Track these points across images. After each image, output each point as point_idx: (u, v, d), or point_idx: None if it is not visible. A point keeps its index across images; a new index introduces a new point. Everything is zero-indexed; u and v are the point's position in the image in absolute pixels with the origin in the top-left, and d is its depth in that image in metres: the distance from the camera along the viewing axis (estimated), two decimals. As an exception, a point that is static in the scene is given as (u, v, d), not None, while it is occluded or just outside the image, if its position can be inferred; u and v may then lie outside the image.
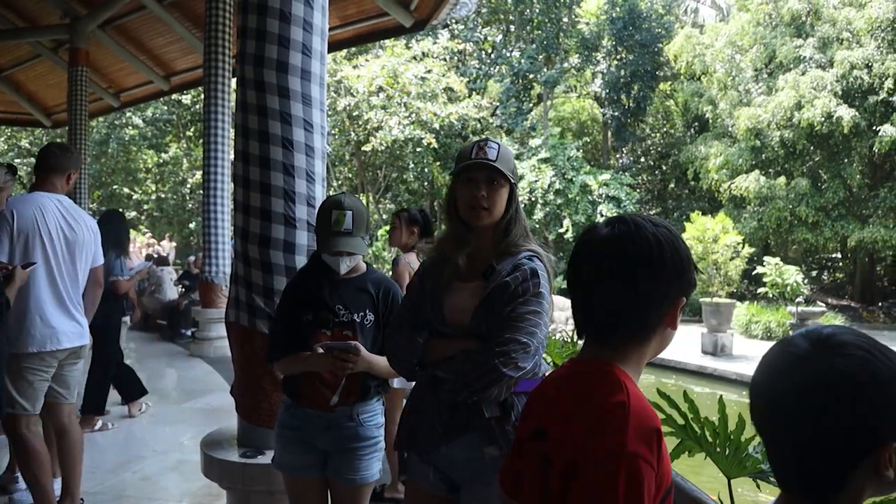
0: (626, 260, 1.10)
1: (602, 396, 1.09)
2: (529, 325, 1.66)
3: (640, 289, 1.10)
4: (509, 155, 1.82)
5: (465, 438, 1.73)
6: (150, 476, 4.14)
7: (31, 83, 15.82)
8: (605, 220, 1.19)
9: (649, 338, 1.15)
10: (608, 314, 1.13)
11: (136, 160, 26.61)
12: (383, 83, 19.44)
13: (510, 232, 1.80)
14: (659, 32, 22.54)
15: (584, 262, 1.17)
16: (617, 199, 19.45)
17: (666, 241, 1.12)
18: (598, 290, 1.13)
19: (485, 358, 1.64)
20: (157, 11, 11.44)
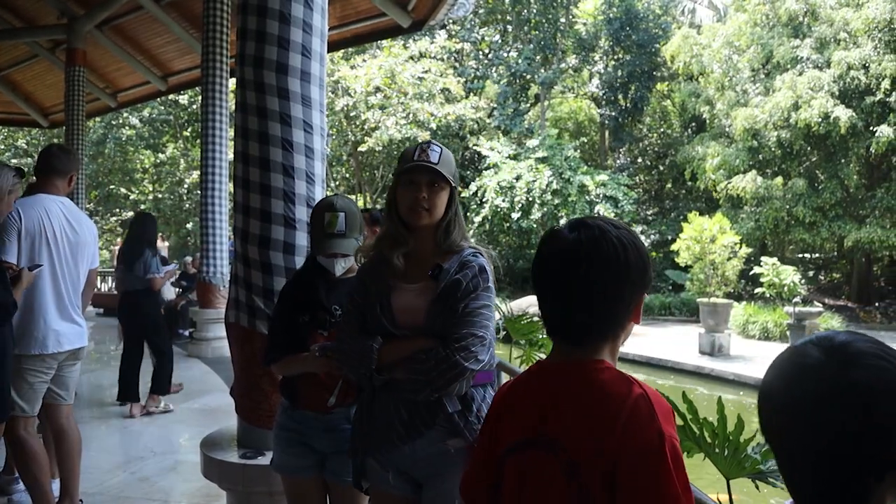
0: (595, 265, 1.14)
1: (620, 395, 1.12)
2: (483, 318, 1.75)
3: (609, 291, 1.15)
4: (451, 158, 1.87)
5: (427, 435, 1.77)
6: (149, 477, 4.14)
7: (28, 83, 15.79)
8: (567, 225, 1.22)
9: (619, 334, 1.22)
10: (582, 317, 1.17)
11: (133, 160, 26.58)
12: (381, 83, 19.44)
13: (451, 232, 1.86)
14: (656, 33, 22.58)
15: (554, 268, 1.19)
16: (614, 200, 19.47)
17: (629, 244, 1.16)
18: (571, 294, 1.17)
19: (445, 354, 1.70)
20: (155, 11, 11.43)
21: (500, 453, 1.24)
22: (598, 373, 1.16)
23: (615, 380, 1.15)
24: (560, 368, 1.21)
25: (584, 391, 1.15)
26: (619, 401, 1.11)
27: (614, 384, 1.14)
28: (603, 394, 1.13)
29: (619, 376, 1.16)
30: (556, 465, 1.12)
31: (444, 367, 1.69)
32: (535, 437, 1.16)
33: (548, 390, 1.20)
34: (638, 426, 1.08)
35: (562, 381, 1.19)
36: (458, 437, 1.75)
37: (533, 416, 1.19)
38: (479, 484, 1.31)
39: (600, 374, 1.16)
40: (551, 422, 1.16)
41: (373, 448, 1.83)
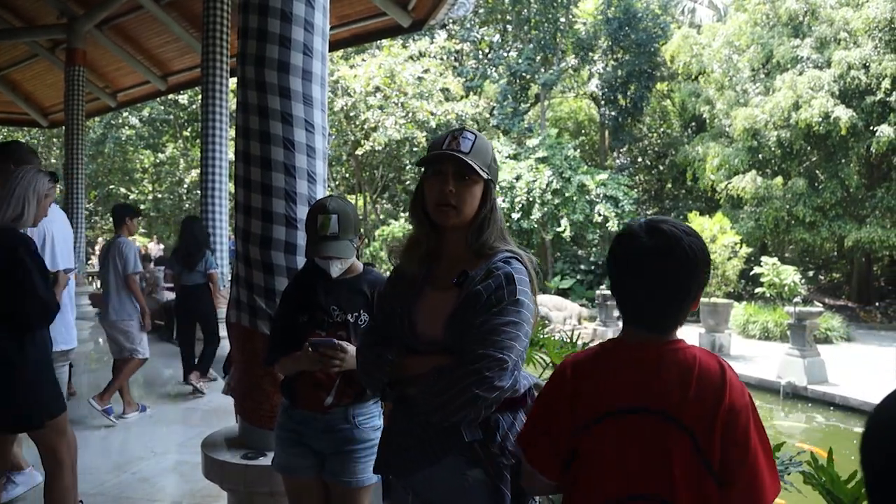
0: (672, 271, 1.34)
1: (716, 368, 1.33)
2: (506, 338, 1.49)
3: (683, 291, 1.35)
4: (486, 148, 1.62)
5: (444, 463, 1.57)
6: (149, 477, 4.13)
7: (28, 83, 15.78)
8: (642, 228, 1.37)
9: (685, 320, 1.42)
10: (661, 310, 1.37)
11: (132, 160, 26.57)
12: (380, 83, 19.43)
13: (483, 232, 1.62)
14: (655, 32, 22.56)
15: (633, 269, 1.38)
16: (614, 199, 19.46)
17: (699, 250, 1.35)
18: (649, 294, 1.36)
19: (457, 377, 1.48)
20: (155, 11, 11.41)
21: (583, 422, 1.37)
22: (687, 350, 1.36)
23: (706, 356, 1.35)
24: (649, 348, 1.37)
25: (686, 367, 1.33)
26: (717, 373, 1.32)
27: (707, 360, 1.34)
28: (703, 368, 1.32)
29: (706, 353, 1.37)
30: (669, 430, 1.29)
31: (453, 391, 1.48)
32: (640, 405, 1.32)
33: (644, 365, 1.35)
34: (737, 392, 1.30)
35: (658, 358, 1.35)
36: (477, 467, 1.54)
37: (630, 388, 1.34)
38: (554, 454, 1.42)
39: (692, 351, 1.35)
40: (657, 393, 1.32)
41: (394, 467, 1.69)
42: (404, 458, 1.64)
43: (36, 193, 2.82)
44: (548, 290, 20.26)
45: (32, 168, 2.92)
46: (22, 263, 2.65)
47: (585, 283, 21.16)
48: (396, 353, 1.64)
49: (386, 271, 12.55)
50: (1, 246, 2.66)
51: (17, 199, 2.77)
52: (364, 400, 2.15)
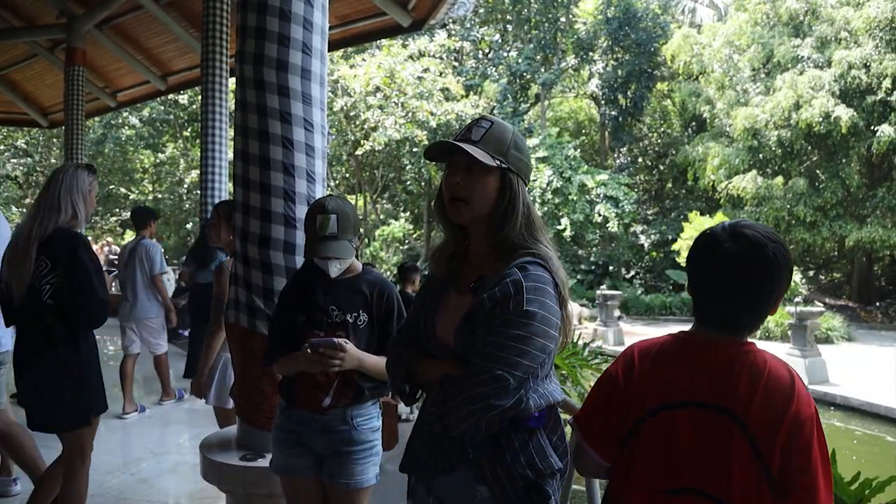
0: (756, 277, 1.34)
1: (786, 376, 1.33)
2: (510, 353, 1.37)
3: (765, 297, 1.35)
4: (502, 135, 1.49)
5: (457, 473, 1.50)
6: (148, 478, 4.11)
7: (27, 83, 15.76)
8: (726, 232, 1.36)
9: (760, 325, 1.45)
10: (740, 314, 1.37)
11: (132, 160, 26.55)
12: (380, 83, 19.41)
13: (503, 228, 1.48)
14: (655, 32, 22.57)
15: (714, 274, 1.37)
16: (615, 199, 19.46)
17: (783, 258, 1.34)
18: (730, 298, 1.36)
19: (456, 391, 1.40)
20: (155, 11, 11.39)
21: (645, 409, 1.38)
22: (759, 354, 1.36)
23: (776, 362, 1.35)
24: (720, 346, 1.37)
25: (756, 370, 1.33)
26: (787, 381, 1.31)
27: (777, 366, 1.34)
28: (773, 375, 1.32)
29: (777, 359, 1.36)
30: (732, 430, 1.29)
31: (452, 405, 1.41)
32: (707, 401, 1.32)
33: (715, 364, 1.35)
34: (804, 402, 1.30)
35: (729, 358, 1.35)
36: (484, 485, 1.46)
37: (699, 383, 1.34)
38: (610, 434, 1.43)
39: (762, 356, 1.35)
40: (726, 392, 1.31)
41: (416, 469, 1.62)
42: (423, 461, 1.58)
43: (80, 191, 2.88)
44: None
45: (70, 166, 2.96)
46: (82, 264, 2.73)
47: (586, 282, 21.15)
48: (413, 355, 1.58)
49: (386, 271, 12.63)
50: (62, 247, 2.74)
51: (66, 201, 2.82)
52: (362, 401, 2.13)
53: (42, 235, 2.74)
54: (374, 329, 2.16)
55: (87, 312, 2.75)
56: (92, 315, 2.77)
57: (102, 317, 2.82)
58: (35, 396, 2.79)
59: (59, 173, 2.89)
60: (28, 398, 2.82)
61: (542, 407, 1.46)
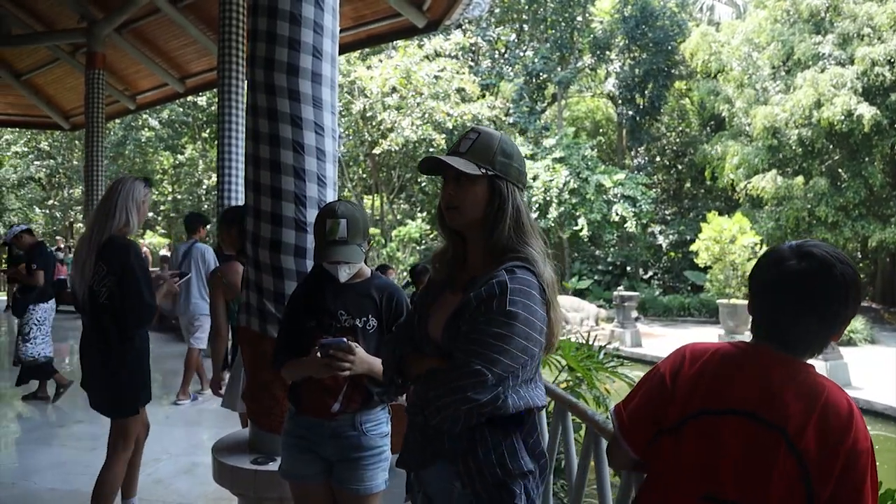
0: (821, 297, 1.31)
1: (846, 406, 1.28)
2: (490, 350, 1.43)
3: (829, 318, 1.32)
4: (489, 144, 1.56)
5: (438, 465, 1.58)
6: (164, 479, 4.14)
7: (49, 86, 15.99)
8: (792, 251, 1.34)
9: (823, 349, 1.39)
10: (803, 335, 1.34)
11: (152, 161, 26.82)
12: (396, 83, 19.44)
13: (493, 233, 1.55)
14: (673, 30, 22.37)
15: (780, 290, 1.34)
16: (632, 199, 19.32)
17: (851, 281, 1.31)
18: (793, 319, 1.33)
19: (438, 382, 1.48)
20: (173, 14, 11.50)
21: (690, 411, 1.35)
22: (818, 378, 1.32)
23: (835, 389, 1.31)
24: (778, 362, 1.34)
25: (813, 393, 1.29)
26: (845, 409, 1.28)
27: (836, 394, 1.30)
28: (831, 401, 1.28)
29: (836, 387, 1.32)
30: (779, 447, 1.25)
31: (431, 395, 1.49)
32: (757, 413, 1.29)
33: (771, 378, 1.32)
34: (862, 434, 1.27)
35: (787, 376, 1.32)
36: (458, 480, 1.53)
37: (751, 394, 1.31)
38: (648, 431, 1.41)
39: (822, 380, 1.32)
40: (778, 408, 1.28)
41: (405, 461, 1.70)
42: (413, 455, 1.65)
43: (135, 201, 3.13)
44: (565, 290, 20.16)
45: (129, 177, 3.24)
46: (132, 271, 3.00)
47: (603, 283, 21.03)
48: (404, 350, 1.65)
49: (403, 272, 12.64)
50: (115, 254, 3.01)
51: (121, 209, 3.09)
52: (371, 406, 2.13)
53: (99, 242, 3.02)
54: (384, 334, 2.15)
55: (136, 314, 3.03)
56: (140, 317, 3.06)
57: (149, 318, 3.12)
58: (92, 384, 3.16)
59: (119, 184, 3.16)
60: (88, 384, 3.18)
61: (521, 409, 1.50)
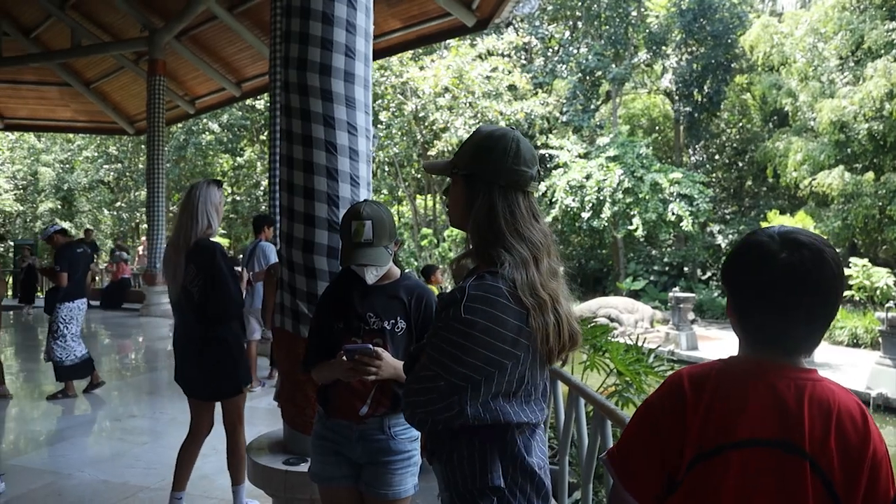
0: (822, 290, 1.18)
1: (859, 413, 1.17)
2: (444, 357, 1.38)
3: (830, 311, 1.20)
4: (469, 142, 1.53)
5: (434, 466, 1.57)
6: (209, 474, 4.22)
7: (115, 93, 16.68)
8: (775, 240, 1.19)
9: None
10: (803, 334, 1.20)
11: (212, 164, 27.61)
12: (449, 83, 19.46)
13: (475, 235, 1.49)
14: (733, 23, 21.63)
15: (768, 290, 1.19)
16: (689, 198, 18.79)
17: (840, 264, 1.20)
18: (789, 318, 1.19)
19: (405, 383, 1.49)
20: (228, 21, 11.82)
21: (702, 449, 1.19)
22: (825, 384, 1.20)
23: (843, 394, 1.19)
24: (782, 374, 1.21)
25: (825, 404, 1.17)
26: (859, 416, 1.17)
27: (846, 399, 1.19)
28: (844, 409, 1.17)
29: (843, 390, 1.21)
30: (805, 471, 1.14)
31: (402, 395, 1.50)
32: (776, 438, 1.16)
33: (781, 395, 1.18)
34: (878, 438, 1.17)
35: (796, 389, 1.19)
36: (442, 485, 1.53)
37: (767, 418, 1.17)
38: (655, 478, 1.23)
39: (829, 386, 1.20)
40: (796, 428, 1.16)
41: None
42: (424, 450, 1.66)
43: (213, 204, 3.36)
44: (619, 291, 19.77)
45: (203, 182, 3.43)
46: (220, 270, 3.24)
47: (659, 284, 20.52)
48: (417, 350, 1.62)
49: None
50: (203, 256, 3.24)
51: (202, 212, 3.32)
52: (400, 410, 2.09)
53: (188, 246, 3.27)
54: (413, 336, 2.10)
55: (225, 307, 3.28)
56: (229, 310, 3.32)
57: (239, 310, 3.45)
58: (192, 375, 3.43)
59: (195, 189, 3.37)
60: (192, 375, 3.43)
61: (487, 422, 1.42)
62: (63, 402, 6.34)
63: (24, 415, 6.03)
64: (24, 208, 29.02)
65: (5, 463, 4.60)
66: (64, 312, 6.30)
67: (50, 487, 4.08)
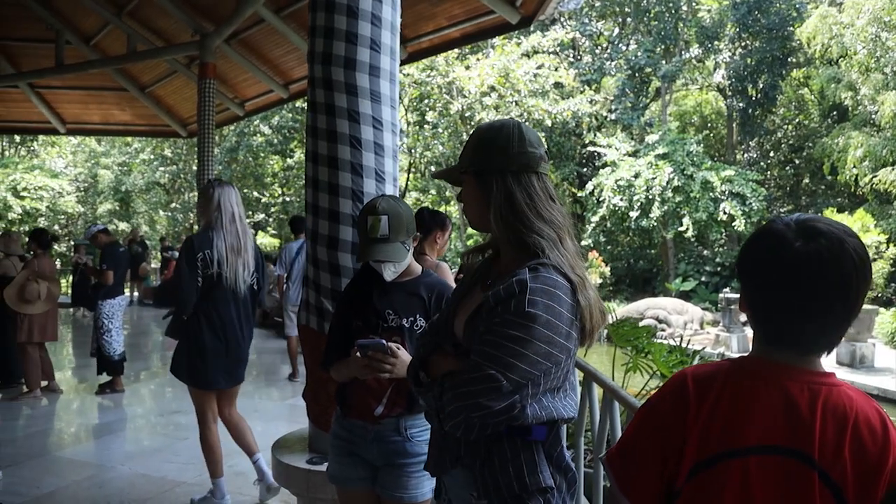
0: (837, 283, 1.07)
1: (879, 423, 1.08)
2: (505, 354, 1.31)
3: (851, 305, 1.09)
4: (473, 139, 1.50)
5: (455, 474, 1.49)
6: (244, 472, 4.25)
7: (169, 97, 17.14)
8: (791, 229, 1.10)
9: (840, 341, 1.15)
10: (820, 330, 1.11)
11: (263, 165, 28.17)
12: (494, 83, 19.34)
13: (504, 230, 1.44)
14: (789, 15, 20.83)
15: (783, 282, 1.10)
16: (741, 197, 18.21)
17: (864, 254, 1.09)
18: (805, 313, 1.09)
19: (451, 385, 1.37)
20: (275, 23, 11.97)
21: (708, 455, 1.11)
22: (842, 389, 1.10)
23: (863, 400, 1.10)
24: (797, 376, 1.11)
25: (841, 411, 1.08)
26: (878, 424, 1.07)
27: (865, 406, 1.09)
28: (862, 417, 1.08)
29: (862, 396, 1.11)
30: (815, 480, 1.05)
31: (445, 400, 1.39)
32: (786, 446, 1.08)
33: (794, 399, 1.10)
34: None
35: (811, 394, 1.10)
36: (476, 491, 1.42)
37: (776, 423, 1.09)
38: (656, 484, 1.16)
39: (846, 392, 1.10)
40: (805, 434, 1.07)
41: (430, 467, 1.62)
42: (431, 458, 1.58)
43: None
44: (668, 292, 19.30)
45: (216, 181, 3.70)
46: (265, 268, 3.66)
47: (710, 285, 19.94)
48: (431, 345, 1.57)
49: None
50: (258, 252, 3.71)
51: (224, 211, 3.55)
52: (417, 411, 2.03)
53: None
54: None
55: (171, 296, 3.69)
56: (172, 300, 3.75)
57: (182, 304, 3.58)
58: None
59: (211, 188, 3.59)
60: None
61: (543, 420, 1.38)
62: (111, 396, 6.53)
63: (72, 409, 6.22)
64: (85, 209, 30.17)
65: (52, 455, 4.75)
66: (106, 308, 6.52)
67: (91, 480, 4.18)
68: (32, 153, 32.26)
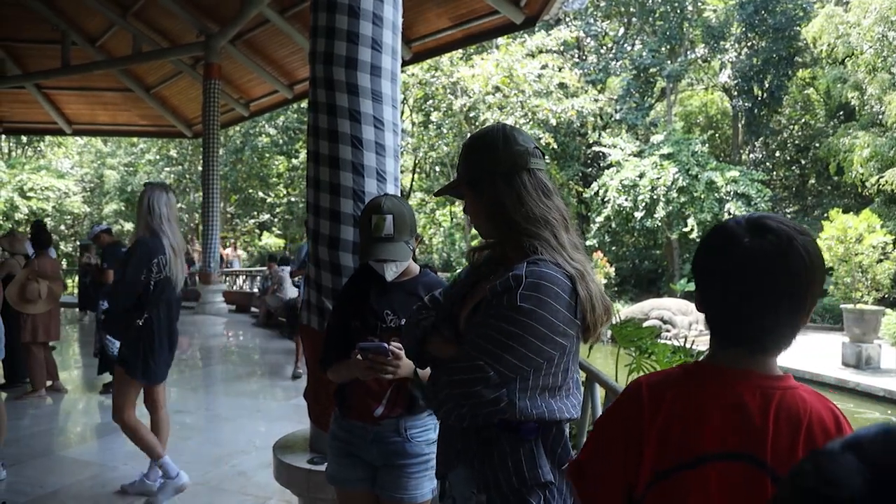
0: (786, 279, 1.08)
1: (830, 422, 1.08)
2: (495, 346, 1.32)
3: (798, 304, 1.09)
4: (464, 150, 1.54)
5: (458, 471, 1.48)
6: (247, 471, 4.26)
7: (174, 98, 17.20)
8: (742, 227, 1.10)
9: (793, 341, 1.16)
10: (770, 328, 1.10)
11: (268, 166, 28.22)
12: (499, 82, 19.32)
13: (504, 231, 1.47)
14: (796, 14, 20.74)
15: (734, 279, 1.10)
16: (746, 197, 18.14)
17: (814, 252, 1.09)
18: (755, 309, 1.09)
19: (445, 373, 1.39)
20: (280, 24, 12.01)
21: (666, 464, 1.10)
22: (796, 392, 1.10)
23: (817, 402, 1.10)
24: (751, 379, 1.11)
25: (795, 414, 1.08)
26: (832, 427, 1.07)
27: (819, 408, 1.09)
28: (816, 419, 1.07)
29: (817, 397, 1.12)
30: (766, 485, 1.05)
31: (438, 388, 1.40)
32: (741, 451, 1.07)
33: (747, 403, 1.09)
34: None
35: (764, 397, 1.09)
36: (477, 488, 1.43)
37: (731, 429, 1.08)
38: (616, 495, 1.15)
39: (801, 394, 1.10)
40: (762, 439, 1.06)
41: (437, 467, 1.62)
42: (442, 453, 1.58)
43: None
44: (673, 292, 19.25)
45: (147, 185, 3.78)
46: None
47: (715, 286, 19.87)
48: (432, 320, 1.58)
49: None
50: None
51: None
52: (417, 412, 2.02)
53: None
54: None
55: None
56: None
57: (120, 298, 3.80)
58: None
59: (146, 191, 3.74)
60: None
61: (533, 418, 1.38)
62: (115, 395, 6.55)
63: (76, 408, 6.24)
64: (91, 210, 30.28)
65: (56, 454, 4.76)
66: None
67: (95, 479, 4.19)
68: (39, 154, 32.43)
